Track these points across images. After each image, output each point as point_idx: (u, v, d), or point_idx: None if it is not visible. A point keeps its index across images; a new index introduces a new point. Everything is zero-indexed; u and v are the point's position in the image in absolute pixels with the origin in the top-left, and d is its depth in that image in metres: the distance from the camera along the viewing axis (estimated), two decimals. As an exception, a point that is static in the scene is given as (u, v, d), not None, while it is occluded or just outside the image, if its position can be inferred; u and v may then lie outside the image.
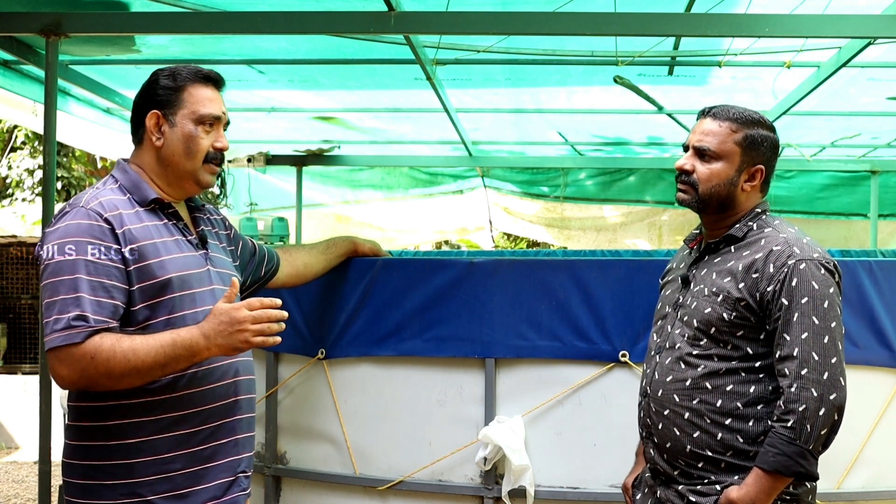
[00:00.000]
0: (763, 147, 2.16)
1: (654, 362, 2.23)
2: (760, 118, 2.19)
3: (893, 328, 2.73)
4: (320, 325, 2.96)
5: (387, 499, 2.88)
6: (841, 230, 8.01)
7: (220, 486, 2.12)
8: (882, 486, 2.73)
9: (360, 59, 4.62)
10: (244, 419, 2.20)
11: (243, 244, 2.51)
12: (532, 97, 5.57)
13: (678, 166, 2.20)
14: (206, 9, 3.79)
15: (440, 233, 9.69)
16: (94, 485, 2.04)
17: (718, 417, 2.07)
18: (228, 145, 2.24)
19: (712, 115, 2.19)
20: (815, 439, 1.95)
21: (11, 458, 6.94)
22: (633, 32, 3.50)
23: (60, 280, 1.95)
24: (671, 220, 8.30)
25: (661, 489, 2.19)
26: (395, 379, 2.89)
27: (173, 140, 2.15)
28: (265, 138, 7.05)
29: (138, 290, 2.02)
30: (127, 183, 2.14)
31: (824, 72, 4.31)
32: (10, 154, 13.37)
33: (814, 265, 2.03)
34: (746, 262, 2.08)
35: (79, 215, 2.01)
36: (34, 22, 3.49)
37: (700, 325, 2.11)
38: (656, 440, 2.19)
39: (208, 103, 2.18)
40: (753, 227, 2.16)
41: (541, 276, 2.81)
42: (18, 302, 7.93)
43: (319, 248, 2.80)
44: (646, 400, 2.23)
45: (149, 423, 2.04)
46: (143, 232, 2.06)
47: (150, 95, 2.17)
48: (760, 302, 2.04)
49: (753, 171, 2.16)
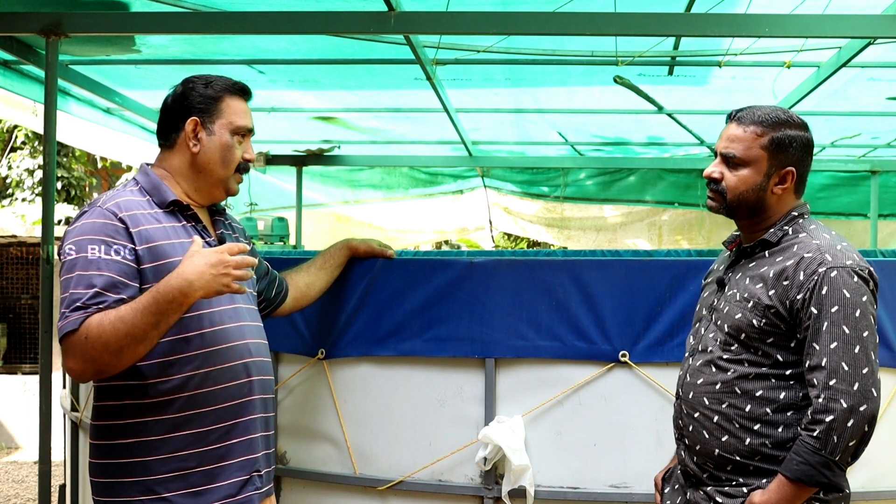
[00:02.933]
0: (792, 148, 2.09)
1: (687, 364, 2.21)
2: (788, 118, 2.11)
3: (894, 328, 2.72)
4: (320, 325, 2.96)
5: (387, 499, 2.88)
6: (841, 230, 7.87)
7: (235, 485, 2.15)
8: (882, 486, 2.73)
9: (360, 59, 4.62)
10: (259, 419, 2.23)
11: (259, 261, 2.53)
12: (532, 97, 5.57)
13: (706, 174, 2.16)
14: (206, 9, 3.79)
15: (440, 233, 9.68)
16: (114, 482, 2.09)
17: (747, 422, 2.04)
18: (255, 156, 2.30)
19: (737, 119, 2.13)
20: (843, 450, 1.91)
21: (11, 458, 6.94)
22: (633, 32, 3.50)
23: (74, 276, 2.01)
24: (671, 220, 8.30)
25: (690, 491, 2.18)
26: (395, 379, 2.89)
27: (211, 148, 2.22)
28: (265, 138, 7.05)
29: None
30: (147, 185, 2.20)
31: (824, 72, 4.31)
32: (10, 154, 13.38)
33: (846, 273, 1.97)
34: (778, 269, 2.04)
35: (95, 215, 2.08)
36: (34, 22, 3.49)
37: (731, 331, 2.08)
38: (687, 442, 2.17)
39: (244, 115, 2.27)
40: (789, 231, 2.10)
41: (541, 276, 2.81)
42: (18, 302, 7.94)
43: (317, 265, 2.77)
44: (678, 402, 2.22)
45: (163, 422, 2.08)
46: (160, 232, 2.11)
47: (187, 102, 2.23)
48: (790, 310, 2.00)
49: (784, 174, 2.10)
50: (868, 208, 7.09)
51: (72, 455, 3.71)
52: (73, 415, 3.60)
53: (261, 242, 6.77)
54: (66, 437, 3.82)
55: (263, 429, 2.25)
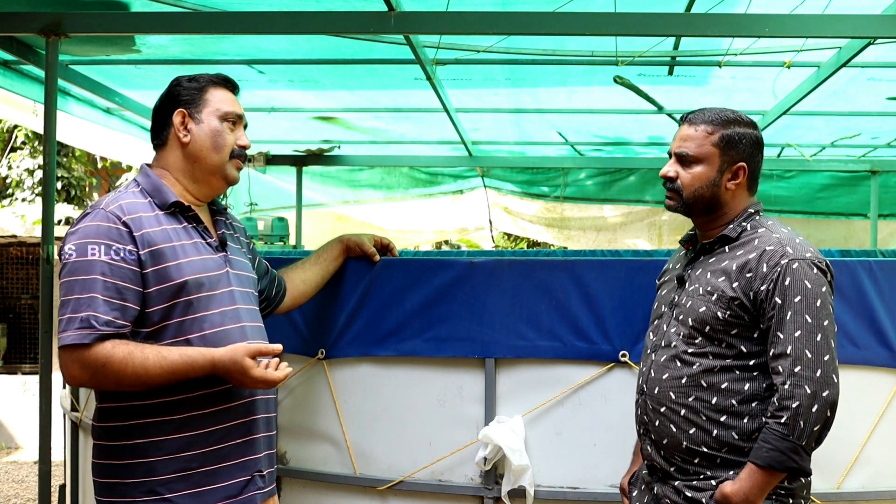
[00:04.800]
0: (742, 144, 2.19)
1: (650, 360, 2.26)
2: (737, 117, 2.22)
3: (893, 328, 2.72)
4: (320, 325, 2.96)
5: (387, 499, 2.88)
6: (841, 230, 8.00)
7: (236, 485, 2.16)
8: (881, 486, 2.73)
9: (360, 59, 4.62)
10: (261, 419, 2.24)
11: (259, 261, 2.55)
12: (532, 97, 5.57)
13: (662, 174, 2.25)
14: (206, 9, 3.79)
15: (440, 233, 9.67)
16: (117, 483, 2.10)
17: (714, 414, 2.10)
18: (250, 144, 2.33)
19: (689, 121, 2.24)
20: (808, 435, 1.97)
21: (11, 458, 6.94)
22: (633, 32, 3.50)
23: (75, 280, 2.01)
24: (671, 220, 8.29)
25: (657, 486, 2.22)
26: (395, 379, 2.89)
27: (200, 136, 2.22)
28: (265, 138, 7.05)
29: (155, 291, 2.07)
30: (148, 186, 2.20)
31: (824, 72, 4.31)
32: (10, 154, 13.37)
33: (806, 264, 2.05)
34: (740, 262, 2.11)
35: (97, 217, 2.08)
36: (34, 22, 3.49)
37: (695, 324, 2.14)
38: (653, 437, 2.21)
39: (231, 102, 2.27)
40: (747, 227, 2.18)
41: (541, 276, 2.81)
42: (18, 302, 7.94)
43: (311, 261, 2.79)
44: (643, 397, 2.26)
45: (167, 423, 2.09)
46: (162, 235, 2.11)
47: (173, 97, 2.25)
48: (754, 301, 2.07)
49: (735, 170, 2.19)
50: (868, 208, 7.09)
51: (72, 455, 3.71)
52: (73, 415, 3.60)
53: (261, 242, 6.77)
54: (66, 437, 3.82)
55: (265, 429, 2.27)
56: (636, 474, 2.37)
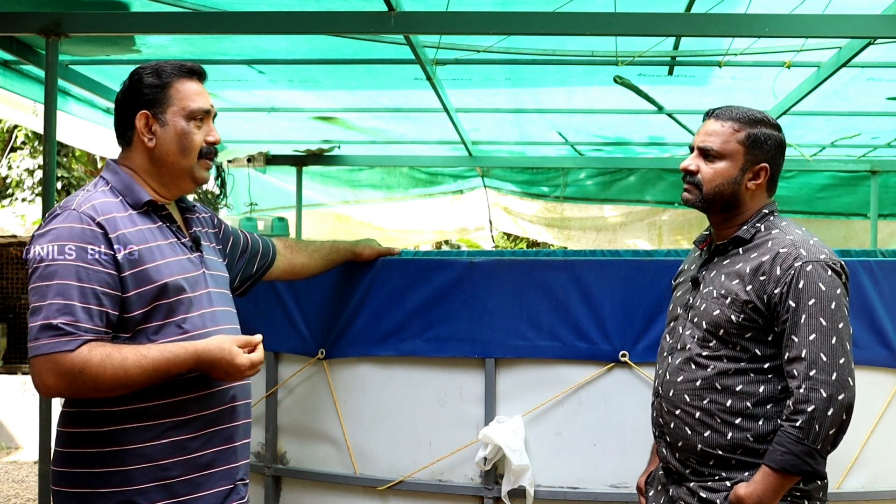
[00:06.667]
0: (767, 145, 2.17)
1: (665, 363, 2.24)
2: (764, 117, 2.19)
3: (893, 328, 2.73)
4: (320, 325, 2.96)
5: (387, 499, 2.88)
6: (841, 230, 8.00)
7: (219, 495, 2.07)
8: (882, 487, 2.73)
9: (360, 59, 4.62)
10: (241, 425, 2.16)
11: (234, 240, 2.45)
12: (532, 97, 5.57)
13: (683, 167, 2.22)
14: (206, 9, 3.79)
15: (440, 233, 9.67)
16: (87, 493, 1.97)
17: (728, 417, 2.09)
18: (220, 138, 2.19)
19: (715, 115, 2.21)
20: (824, 439, 1.96)
21: (11, 458, 6.94)
22: (633, 32, 3.50)
23: (48, 285, 1.88)
24: (671, 220, 8.29)
25: (673, 487, 2.21)
26: (395, 379, 2.89)
27: (166, 139, 2.08)
28: (265, 138, 7.05)
29: (134, 295, 1.97)
30: (119, 185, 2.08)
31: (824, 72, 4.31)
32: (10, 154, 13.37)
33: (820, 267, 2.03)
34: (754, 265, 2.09)
35: (70, 218, 1.95)
36: (34, 22, 3.49)
37: (709, 327, 2.12)
38: (668, 439, 2.20)
39: (197, 97, 2.12)
40: (761, 228, 2.17)
41: (541, 276, 2.81)
42: (18, 302, 7.94)
43: (322, 253, 2.74)
44: (658, 400, 2.25)
45: (145, 429, 1.98)
46: (138, 236, 2.01)
47: (135, 95, 2.10)
48: (768, 304, 2.05)
49: (757, 170, 2.17)
50: (868, 208, 7.08)
51: (72, 455, 3.71)
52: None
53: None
54: (66, 437, 3.81)
55: (244, 436, 2.18)
56: (653, 474, 2.36)
